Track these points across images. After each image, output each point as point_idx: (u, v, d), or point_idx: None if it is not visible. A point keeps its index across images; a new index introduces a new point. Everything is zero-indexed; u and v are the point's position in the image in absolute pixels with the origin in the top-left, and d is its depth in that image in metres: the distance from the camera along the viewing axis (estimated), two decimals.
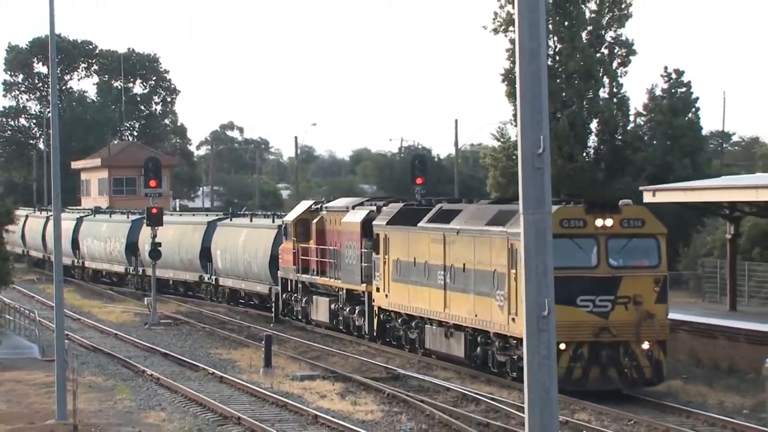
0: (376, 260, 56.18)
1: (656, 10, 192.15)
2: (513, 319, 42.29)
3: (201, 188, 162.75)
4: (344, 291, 60.42)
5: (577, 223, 41.30)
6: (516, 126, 22.19)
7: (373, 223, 56.50)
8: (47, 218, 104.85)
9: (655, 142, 79.41)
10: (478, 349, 47.08)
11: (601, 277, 41.30)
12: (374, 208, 58.15)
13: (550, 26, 74.79)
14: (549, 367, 13.24)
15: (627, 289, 41.13)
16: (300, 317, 66.76)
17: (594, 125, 78.57)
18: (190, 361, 54.97)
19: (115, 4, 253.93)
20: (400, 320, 54.84)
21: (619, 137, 78.77)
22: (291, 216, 67.14)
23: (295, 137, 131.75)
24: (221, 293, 78.35)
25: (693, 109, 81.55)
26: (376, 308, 56.72)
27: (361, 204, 60.83)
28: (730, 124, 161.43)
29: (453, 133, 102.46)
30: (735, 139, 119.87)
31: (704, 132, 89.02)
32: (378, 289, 56.04)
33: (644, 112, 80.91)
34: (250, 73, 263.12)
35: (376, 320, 57.00)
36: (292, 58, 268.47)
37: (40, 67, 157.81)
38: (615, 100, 78.73)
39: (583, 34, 77.28)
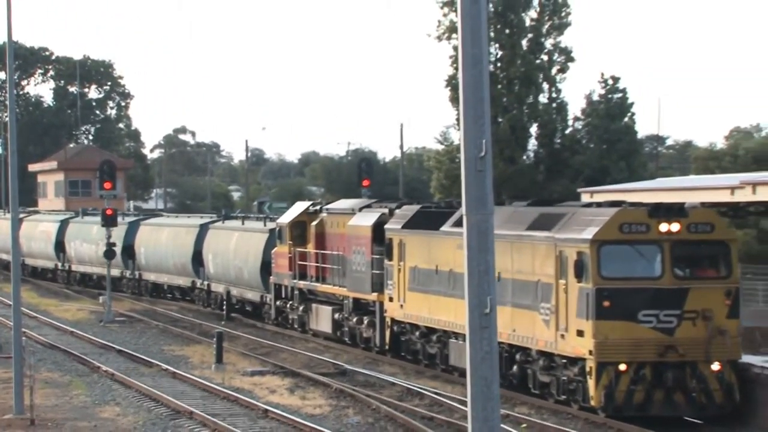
0: (388, 267, 49.84)
1: (594, 17, 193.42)
2: (562, 336, 36.47)
3: (154, 190, 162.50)
4: (350, 300, 54.17)
5: (639, 228, 34.94)
6: (459, 130, 21.84)
7: (386, 227, 50.28)
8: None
9: (592, 145, 79.82)
10: (515, 367, 40.80)
11: (666, 289, 34.98)
12: (386, 210, 52.14)
13: (492, 33, 75.09)
14: (491, 362, 13.24)
15: (695, 302, 34.83)
16: (296, 326, 61.17)
17: (534, 129, 78.98)
18: (144, 357, 54.81)
19: (71, 11, 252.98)
20: (418, 333, 48.53)
21: (558, 141, 79.16)
22: (286, 218, 61.59)
23: (246, 141, 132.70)
24: (213, 299, 73.44)
25: (629, 114, 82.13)
26: (388, 320, 50.43)
27: (369, 206, 54.61)
28: (664, 129, 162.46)
29: (398, 136, 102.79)
30: (669, 142, 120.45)
31: (640, 136, 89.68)
32: (391, 299, 49.71)
33: (582, 117, 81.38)
34: (202, 78, 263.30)
35: (388, 332, 50.81)
36: (243, 64, 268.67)
37: None
38: (554, 105, 79.12)
39: (524, 42, 77.64)
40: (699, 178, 56.06)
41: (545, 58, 78.75)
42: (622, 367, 34.40)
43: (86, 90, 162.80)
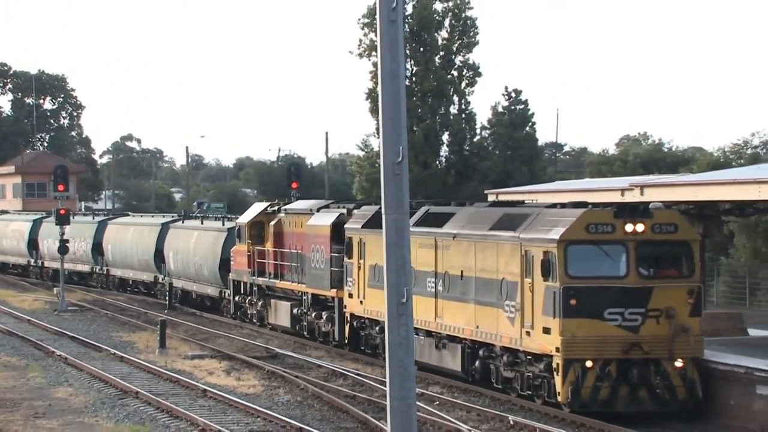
0: (348, 265, 46.62)
1: (500, 36, 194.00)
2: (528, 333, 33.61)
3: (104, 192, 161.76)
4: (309, 296, 51.24)
5: (605, 228, 32.24)
6: (378, 138, 21.67)
7: (345, 226, 47.23)
8: None
9: (497, 152, 79.99)
10: (477, 362, 37.80)
11: (631, 288, 32.26)
12: (344, 210, 49.29)
13: (408, 51, 74.94)
14: (407, 347, 13.26)
15: (659, 300, 32.21)
16: (254, 320, 58.28)
17: (445, 137, 79.06)
18: (94, 342, 54.54)
19: (27, 27, 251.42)
20: (378, 328, 44.68)
21: (467, 148, 79.26)
22: (245, 218, 58.65)
23: (186, 147, 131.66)
24: (174, 294, 70.44)
25: (530, 124, 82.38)
26: (348, 315, 47.20)
27: (327, 206, 51.90)
28: (562, 136, 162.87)
29: (324, 143, 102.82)
30: (566, 149, 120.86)
31: (540, 143, 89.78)
32: (351, 296, 46.54)
33: (488, 126, 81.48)
34: (147, 89, 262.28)
35: (348, 327, 47.47)
36: (185, 77, 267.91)
37: None
38: (463, 115, 79.23)
39: (436, 58, 77.74)
40: (593, 180, 56.25)
41: (455, 73, 78.82)
42: (589, 363, 31.94)
43: (41, 101, 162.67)
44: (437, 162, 78.29)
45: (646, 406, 32.29)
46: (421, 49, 77.14)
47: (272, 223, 54.66)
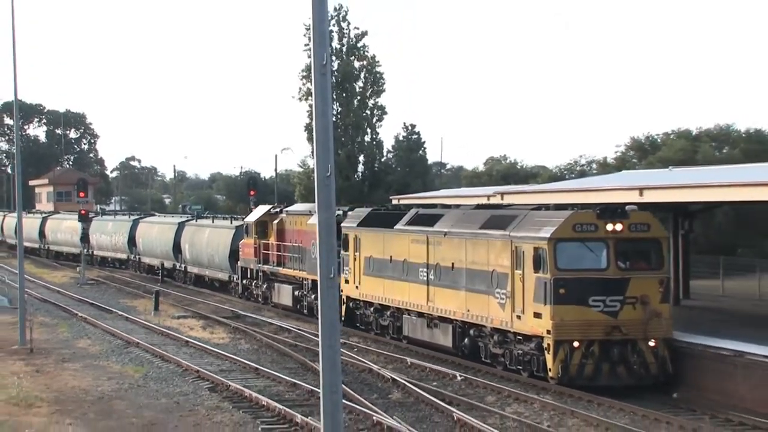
0: (345, 257, 42.45)
1: (401, 84, 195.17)
2: (518, 317, 30.27)
3: (113, 198, 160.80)
4: (309, 281, 47.19)
5: (589, 227, 29.08)
6: (313, 158, 20.78)
7: (342, 225, 42.92)
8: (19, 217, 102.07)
9: (399, 169, 79.91)
10: (467, 340, 34.14)
11: (611, 279, 29.09)
12: (340, 212, 44.65)
13: (334, 96, 74.86)
14: (334, 309, 13.17)
15: (635, 289, 29.10)
16: (260, 299, 53.84)
17: (361, 158, 78.87)
18: (106, 307, 54.19)
19: (54, 73, 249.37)
20: (372, 309, 41.25)
21: (377, 166, 79.12)
22: (252, 218, 54.64)
23: (174, 165, 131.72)
24: (189, 278, 66.70)
25: (422, 149, 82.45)
26: (344, 297, 42.87)
27: None
28: (445, 157, 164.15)
29: (274, 162, 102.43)
30: (448, 166, 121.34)
31: (429, 162, 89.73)
32: (347, 281, 42.51)
33: (392, 150, 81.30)
34: (144, 121, 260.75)
35: (344, 308, 43.00)
36: (173, 110, 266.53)
37: (8, 120, 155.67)
38: (374, 142, 79.10)
39: (355, 101, 77.60)
40: (467, 189, 56.33)
41: (368, 112, 78.68)
42: (576, 344, 28.70)
43: (68, 132, 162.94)
44: (355, 176, 78.12)
45: (624, 380, 29.06)
46: (344, 94, 77.06)
47: (275, 222, 51.54)
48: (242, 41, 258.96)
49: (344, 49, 77.47)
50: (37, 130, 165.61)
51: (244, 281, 55.58)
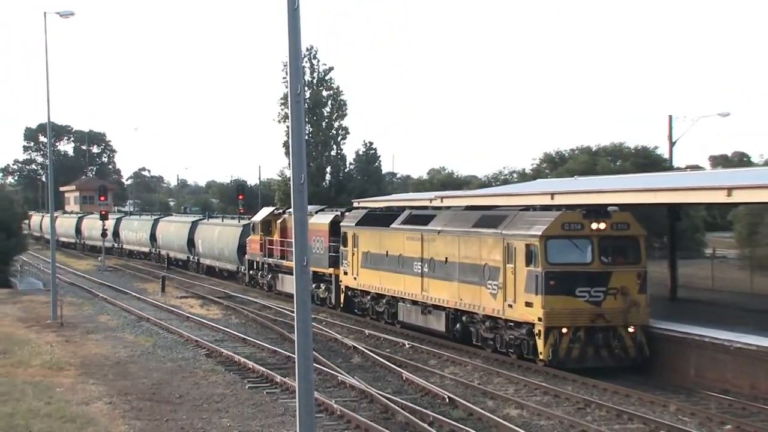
0: (343, 251, 40.34)
1: (362, 107, 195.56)
2: (510, 306, 28.10)
3: (128, 201, 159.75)
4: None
5: (576, 226, 27.03)
6: (290, 169, 20.52)
7: (341, 224, 40.87)
8: (55, 216, 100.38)
9: (359, 177, 79.79)
10: (458, 325, 31.81)
11: (595, 272, 26.95)
12: (338, 213, 43.08)
13: (307, 119, 74.60)
14: (307, 291, 13.14)
15: (616, 281, 27.04)
16: (265, 288, 50.95)
17: (329, 169, 78.66)
18: (123, 289, 53.84)
19: (80, 97, 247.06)
20: (368, 297, 38.82)
21: (341, 176, 78.94)
22: (258, 218, 52.21)
23: (177, 174, 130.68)
24: (201, 268, 64.46)
25: (377, 161, 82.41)
26: (343, 287, 40.89)
27: (323, 210, 45.59)
28: (396, 168, 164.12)
29: (258, 172, 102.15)
30: (399, 176, 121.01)
31: (383, 172, 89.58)
32: (346, 273, 40.31)
33: (354, 163, 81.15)
34: (153, 138, 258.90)
35: (343, 296, 41.03)
36: (176, 128, 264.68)
37: (42, 138, 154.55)
38: (339, 156, 78.94)
39: (323, 123, 77.40)
40: (414, 194, 56.30)
41: (334, 132, 78.43)
42: (564, 330, 26.64)
43: (91, 147, 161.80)
44: (324, 183, 77.76)
45: (606, 362, 26.94)
46: (315, 118, 76.79)
47: (279, 221, 49.47)
48: (233, 75, 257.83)
49: (315, 81, 77.24)
50: (67, 146, 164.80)
51: (251, 272, 53.53)
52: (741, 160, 74.99)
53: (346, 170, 79.87)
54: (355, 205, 46.32)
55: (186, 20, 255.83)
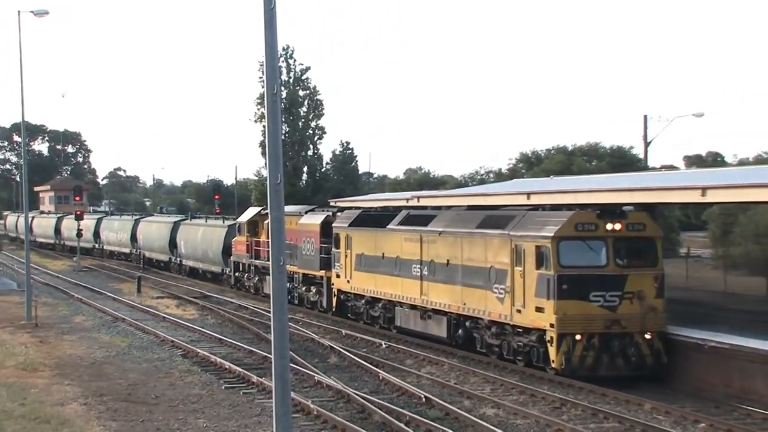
0: (336, 253, 38.27)
1: (337, 107, 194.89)
2: (519, 311, 26.25)
3: (103, 201, 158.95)
4: (300, 275, 42.54)
5: (590, 226, 25.29)
6: (266, 168, 19.64)
7: (333, 225, 38.92)
8: (33, 217, 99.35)
9: (335, 177, 79.75)
10: (461, 331, 29.86)
11: (610, 275, 25.14)
12: (330, 213, 41.15)
13: (283, 119, 74.44)
14: (284, 291, 13.12)
15: (632, 285, 25.19)
16: (251, 290, 49.20)
17: (305, 169, 78.59)
18: (98, 289, 53.54)
19: (55, 97, 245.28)
20: (363, 301, 36.77)
21: (318, 175, 78.91)
22: (244, 218, 50.23)
23: (153, 174, 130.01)
24: (184, 270, 62.64)
25: (354, 161, 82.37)
26: (335, 290, 38.84)
27: (313, 210, 43.48)
28: (373, 168, 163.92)
29: (235, 171, 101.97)
30: (375, 175, 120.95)
31: (360, 172, 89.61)
32: (338, 276, 38.30)
33: (330, 162, 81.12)
34: (129, 138, 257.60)
35: (335, 299, 39.03)
36: (153, 127, 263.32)
37: (17, 138, 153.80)
38: (316, 156, 78.90)
39: (300, 123, 77.33)
40: (392, 194, 56.22)
41: (311, 132, 78.40)
42: (578, 337, 24.91)
43: (66, 147, 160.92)
44: (300, 183, 77.71)
45: (622, 371, 25.13)
46: (291, 117, 76.64)
47: (266, 222, 46.14)
48: (210, 74, 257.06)
49: (291, 80, 77.17)
50: (41, 146, 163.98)
51: (237, 274, 51.54)
52: (715, 160, 75.58)
53: (322, 170, 79.85)
54: (332, 204, 46.04)
55: (162, 19, 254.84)
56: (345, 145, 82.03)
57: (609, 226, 25.45)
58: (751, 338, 24.31)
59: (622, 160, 68.01)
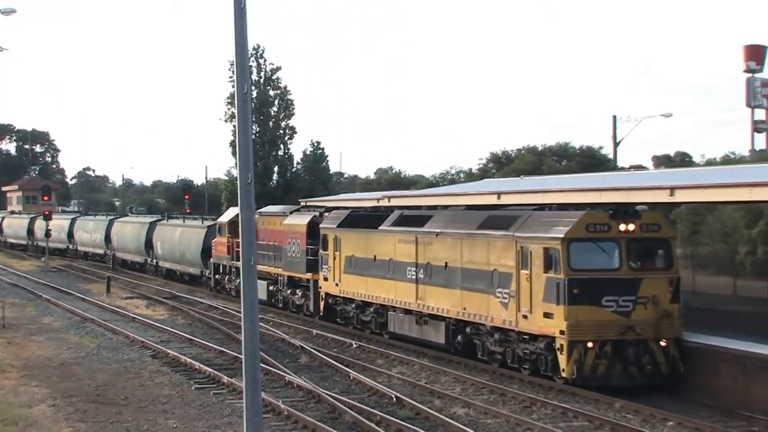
0: (323, 255, 36.52)
1: (307, 108, 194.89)
2: (525, 317, 24.77)
3: (72, 201, 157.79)
4: (285, 277, 40.76)
5: (602, 227, 23.83)
6: (236, 168, 19.19)
7: (321, 225, 37.14)
8: (3, 217, 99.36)
9: (306, 177, 79.61)
10: (460, 337, 28.32)
11: (623, 279, 23.70)
12: (316, 213, 39.41)
13: (254, 118, 74.25)
14: (255, 290, 13.07)
15: (646, 289, 23.74)
16: (233, 293, 46.89)
17: (276, 169, 78.43)
18: (66, 289, 53.14)
19: (23, 96, 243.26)
20: (353, 305, 35.12)
21: (288, 175, 78.75)
22: (225, 218, 48.18)
23: (123, 174, 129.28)
24: (161, 272, 60.83)
25: (325, 161, 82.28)
26: (323, 293, 37.02)
27: (298, 210, 41.75)
28: (344, 167, 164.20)
29: (205, 171, 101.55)
30: (346, 175, 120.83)
31: (331, 172, 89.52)
32: (326, 279, 36.49)
33: (301, 162, 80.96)
34: (98, 137, 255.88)
35: (323, 303, 37.15)
36: (123, 128, 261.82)
37: None
38: (287, 156, 78.76)
39: (270, 123, 77.18)
40: (362, 194, 56.25)
41: (282, 131, 78.24)
42: (590, 344, 23.37)
43: (34, 147, 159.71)
44: (271, 183, 77.52)
45: (636, 380, 23.71)
46: (262, 117, 76.44)
47: None
48: (180, 74, 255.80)
49: (262, 80, 77.04)
50: (9, 146, 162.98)
51: (217, 276, 49.83)
52: (683, 160, 76.13)
53: (293, 170, 79.73)
54: (302, 204, 45.87)
55: (133, 18, 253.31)
56: (316, 144, 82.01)
57: (622, 227, 24.09)
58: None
59: (591, 160, 68.40)
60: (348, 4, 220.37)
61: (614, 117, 59.61)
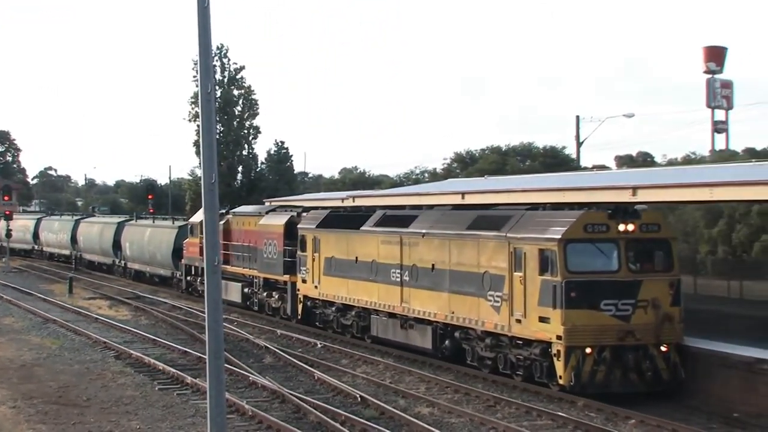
0: (302, 257, 35.28)
1: (273, 108, 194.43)
2: (518, 321, 23.61)
3: (34, 201, 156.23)
4: (261, 279, 39.48)
5: (600, 228, 22.69)
6: (200, 168, 19.00)
7: (299, 226, 35.79)
8: None
9: (270, 177, 79.44)
10: (448, 342, 27.03)
11: (622, 281, 22.56)
12: (294, 213, 37.95)
13: (218, 118, 73.97)
14: (218, 290, 13.02)
15: (646, 292, 22.60)
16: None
17: (240, 169, 78.18)
18: (28, 290, 52.66)
19: None
20: (333, 308, 33.78)
21: (253, 175, 78.53)
22: (197, 218, 45.72)
23: (85, 174, 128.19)
24: (129, 273, 59.32)
25: (289, 161, 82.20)
26: (301, 296, 35.71)
27: (274, 210, 40.37)
28: (308, 167, 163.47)
29: (169, 171, 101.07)
30: (311, 175, 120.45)
31: (295, 172, 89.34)
32: (305, 281, 35.18)
33: (265, 162, 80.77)
34: (60, 137, 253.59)
35: (301, 306, 35.90)
36: (85, 127, 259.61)
37: None
38: (251, 156, 78.53)
39: (235, 122, 76.92)
40: (327, 194, 56.13)
41: (246, 131, 78.00)
42: (588, 350, 22.26)
43: None
44: (235, 183, 77.22)
45: (636, 387, 22.62)
46: (226, 117, 76.17)
47: (221, 222, 42.03)
48: (143, 73, 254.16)
49: (225, 80, 76.79)
50: None
51: (188, 278, 48.34)
52: (645, 160, 76.75)
53: (257, 170, 79.53)
54: (267, 204, 45.71)
55: (95, 15, 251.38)
56: (280, 144, 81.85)
57: (621, 227, 22.95)
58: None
59: (555, 160, 68.85)
60: (309, 2, 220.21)
61: (577, 117, 60.04)
